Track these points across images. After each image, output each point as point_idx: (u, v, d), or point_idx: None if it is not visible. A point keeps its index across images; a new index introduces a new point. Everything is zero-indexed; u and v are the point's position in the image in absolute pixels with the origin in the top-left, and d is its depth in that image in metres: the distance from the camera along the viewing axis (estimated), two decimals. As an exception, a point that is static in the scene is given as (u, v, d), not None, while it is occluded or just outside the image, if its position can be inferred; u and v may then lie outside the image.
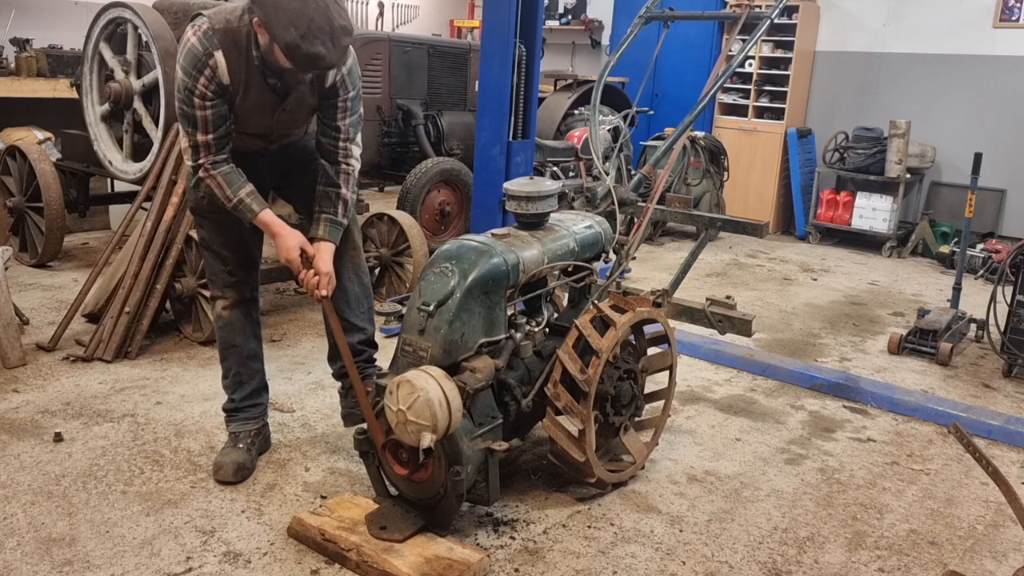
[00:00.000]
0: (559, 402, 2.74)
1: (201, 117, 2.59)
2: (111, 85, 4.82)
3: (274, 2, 2.40)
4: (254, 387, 3.05)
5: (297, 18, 2.37)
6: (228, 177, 2.68)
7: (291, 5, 2.38)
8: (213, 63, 2.54)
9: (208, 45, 2.54)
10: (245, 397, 3.03)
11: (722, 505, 2.97)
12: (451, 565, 2.39)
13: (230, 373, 3.02)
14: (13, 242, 5.44)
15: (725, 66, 4.42)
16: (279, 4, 2.39)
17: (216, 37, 2.54)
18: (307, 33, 2.38)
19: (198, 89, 2.55)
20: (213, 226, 2.89)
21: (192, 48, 2.54)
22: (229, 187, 2.67)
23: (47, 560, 2.43)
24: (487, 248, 2.67)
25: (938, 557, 2.74)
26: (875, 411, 3.92)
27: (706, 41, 8.52)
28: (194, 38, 2.54)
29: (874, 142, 7.59)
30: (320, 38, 2.41)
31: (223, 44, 2.55)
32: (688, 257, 3.97)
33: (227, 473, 2.86)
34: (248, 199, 2.69)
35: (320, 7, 2.40)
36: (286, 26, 2.38)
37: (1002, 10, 7.35)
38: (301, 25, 2.37)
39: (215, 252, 2.93)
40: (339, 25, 2.44)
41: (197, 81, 2.54)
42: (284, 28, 2.38)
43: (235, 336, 2.97)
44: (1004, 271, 4.42)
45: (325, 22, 2.41)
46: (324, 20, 2.41)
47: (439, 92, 6.20)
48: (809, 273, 6.77)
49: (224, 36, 2.55)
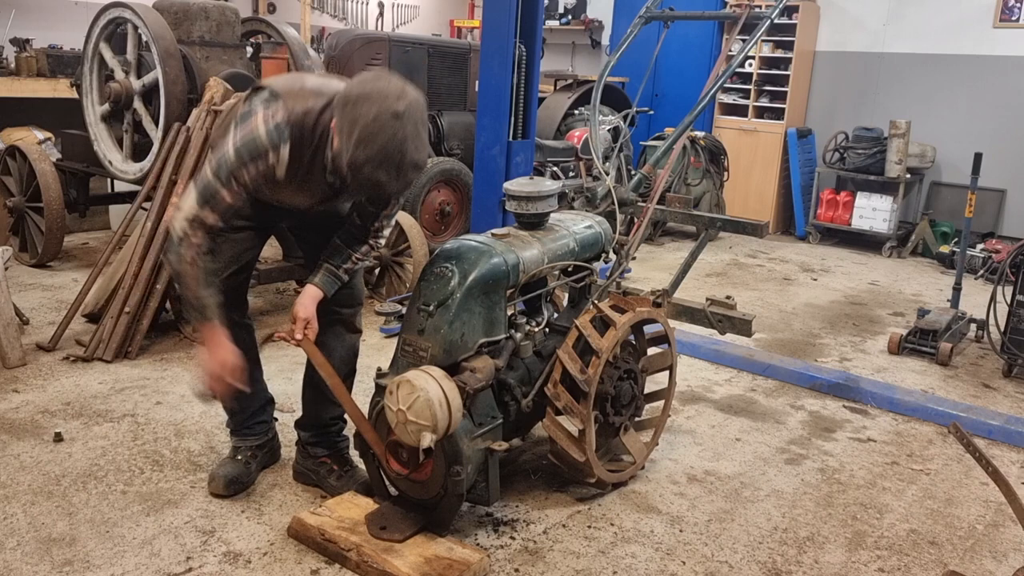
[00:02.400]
0: (559, 402, 2.74)
1: (223, 197, 2.37)
2: (111, 85, 4.82)
3: (354, 115, 2.23)
4: (254, 408, 2.92)
5: (371, 140, 2.21)
6: (208, 275, 2.42)
7: (370, 126, 2.21)
8: (274, 158, 2.37)
9: (277, 139, 2.36)
10: (246, 418, 2.92)
11: (722, 505, 2.97)
12: (451, 565, 2.39)
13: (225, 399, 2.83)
14: (13, 242, 5.44)
15: (725, 66, 4.42)
16: (358, 119, 2.22)
17: (288, 130, 2.36)
18: (375, 157, 2.22)
19: (243, 177, 2.36)
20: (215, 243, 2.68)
21: (257, 137, 2.34)
22: (202, 286, 2.40)
23: (47, 560, 2.43)
24: (487, 248, 2.67)
25: (938, 557, 2.74)
26: (875, 411, 3.92)
27: (706, 41, 8.52)
28: (263, 127, 2.34)
29: (874, 142, 7.59)
30: (386, 167, 2.24)
31: (293, 137, 2.37)
32: (688, 257, 3.97)
33: (218, 486, 2.80)
34: (211, 302, 2.43)
35: (398, 137, 2.23)
36: (358, 143, 2.21)
37: (1002, 10, 7.35)
38: (372, 148, 2.21)
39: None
40: (411, 160, 2.27)
41: (246, 169, 2.35)
42: (355, 144, 2.22)
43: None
44: (1004, 271, 4.42)
45: (397, 153, 2.24)
46: (397, 151, 2.23)
47: (439, 92, 6.19)
48: (809, 273, 6.77)
49: (298, 129, 2.37)
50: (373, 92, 2.26)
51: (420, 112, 2.32)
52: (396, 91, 2.27)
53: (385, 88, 2.27)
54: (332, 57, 5.62)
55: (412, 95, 2.30)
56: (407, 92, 2.30)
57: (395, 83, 2.30)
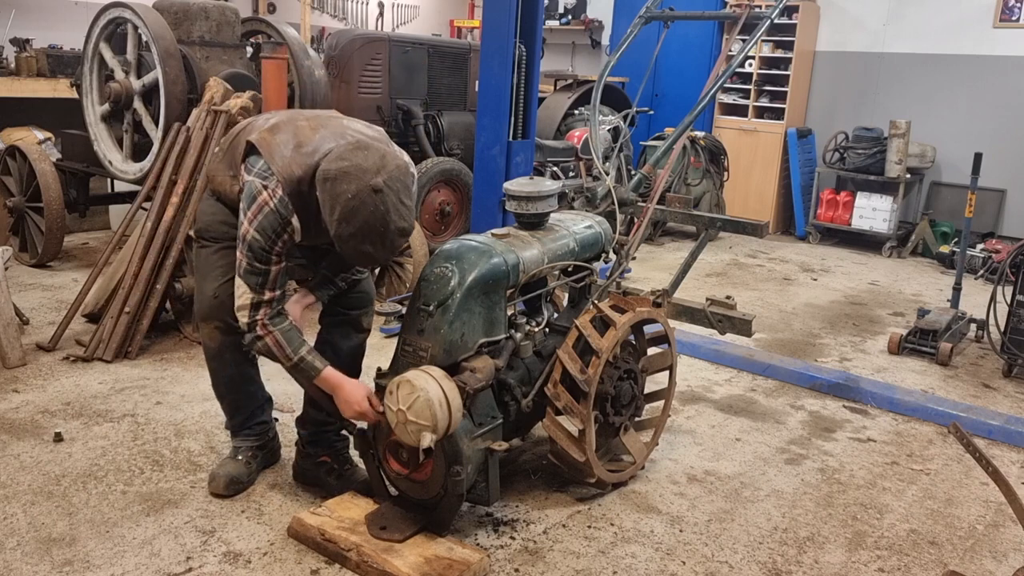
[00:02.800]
0: (559, 402, 2.74)
1: (274, 273, 2.47)
2: (111, 85, 4.82)
3: (334, 192, 2.28)
4: (252, 409, 2.93)
5: (352, 216, 2.26)
6: (288, 334, 2.51)
7: (350, 203, 2.25)
8: (291, 229, 2.46)
9: (286, 213, 2.43)
10: (245, 419, 2.92)
11: (722, 505, 2.97)
12: (451, 565, 2.39)
13: (224, 400, 2.89)
14: (13, 242, 5.44)
15: (725, 66, 4.42)
16: (338, 196, 2.27)
17: (290, 201, 2.43)
18: (357, 232, 2.27)
19: (277, 248, 2.45)
20: (218, 253, 2.70)
21: (271, 212, 2.41)
22: (289, 345, 2.51)
23: (47, 560, 2.43)
24: (487, 248, 2.67)
25: (938, 557, 2.74)
26: (875, 411, 3.92)
27: (706, 41, 8.52)
28: (271, 203, 2.41)
29: (874, 142, 7.59)
30: (371, 239, 2.29)
31: (296, 206, 2.44)
32: (688, 257, 3.97)
33: (219, 486, 2.81)
34: (309, 356, 2.54)
35: (379, 211, 2.27)
36: (340, 220, 2.27)
37: (1002, 10, 7.35)
38: (354, 224, 2.26)
39: (208, 276, 2.71)
40: (395, 228, 2.31)
41: (276, 243, 2.44)
42: (338, 221, 2.28)
43: (226, 366, 2.79)
44: (1004, 271, 4.42)
45: (380, 225, 2.28)
46: (380, 224, 2.28)
47: (439, 92, 6.19)
48: (809, 273, 6.77)
49: (296, 201, 2.43)
50: (351, 168, 2.28)
51: (402, 179, 2.34)
52: (374, 164, 2.29)
53: (363, 163, 2.30)
54: (332, 57, 5.63)
55: (392, 164, 2.33)
56: (386, 162, 2.32)
57: (374, 154, 2.32)
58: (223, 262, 2.70)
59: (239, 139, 2.63)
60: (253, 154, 2.50)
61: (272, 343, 2.50)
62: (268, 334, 2.49)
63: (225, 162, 2.67)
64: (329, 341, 2.86)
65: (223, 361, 2.79)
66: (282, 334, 2.51)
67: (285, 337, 2.51)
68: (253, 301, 2.47)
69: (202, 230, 2.76)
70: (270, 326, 2.49)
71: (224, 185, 2.66)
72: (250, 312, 2.48)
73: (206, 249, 2.74)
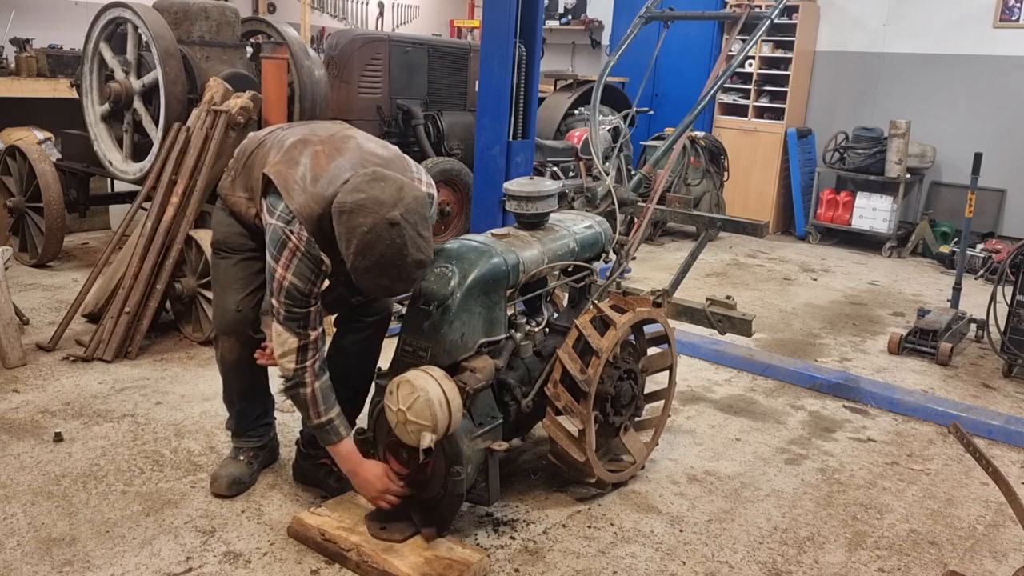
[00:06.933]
0: (559, 402, 2.74)
1: (314, 313, 2.45)
2: (111, 85, 4.82)
3: (351, 225, 2.24)
4: (258, 413, 2.94)
5: (369, 250, 2.23)
6: (326, 392, 2.50)
7: (366, 236, 2.22)
8: (325, 267, 2.45)
9: (316, 253, 2.41)
10: (249, 423, 2.93)
11: (722, 505, 2.97)
12: (451, 565, 2.39)
13: (234, 407, 2.89)
14: (13, 242, 5.44)
15: (725, 66, 4.42)
16: (355, 230, 2.23)
17: (317, 244, 2.41)
18: (374, 266, 2.25)
19: (314, 291, 2.43)
20: (238, 265, 2.70)
21: (305, 257, 2.39)
22: (324, 403, 2.48)
23: (47, 560, 2.43)
24: (487, 248, 2.67)
25: (938, 557, 2.74)
26: (875, 411, 3.92)
27: (706, 41, 8.52)
28: (302, 247, 2.38)
29: (874, 142, 7.60)
30: (388, 273, 2.27)
31: (321, 244, 2.42)
32: (688, 257, 3.97)
33: (221, 486, 2.81)
34: (338, 420, 2.52)
35: (396, 244, 2.23)
36: (357, 254, 2.25)
37: (1002, 10, 7.35)
38: (371, 258, 2.24)
39: (230, 289, 2.70)
40: (412, 260, 2.27)
41: (315, 285, 2.43)
42: (355, 255, 2.25)
43: (241, 377, 2.80)
44: (1004, 271, 4.42)
45: (398, 258, 2.24)
46: (397, 257, 2.24)
47: (439, 92, 6.20)
48: (809, 273, 6.77)
49: (319, 235, 2.41)
50: (367, 201, 2.25)
51: (419, 211, 2.31)
52: (391, 197, 2.26)
53: (380, 195, 2.26)
54: (332, 57, 5.63)
55: (409, 196, 2.29)
56: (404, 194, 2.28)
57: (390, 185, 2.29)
58: (243, 274, 2.69)
59: (252, 162, 2.59)
60: (272, 192, 2.45)
61: (309, 396, 2.47)
62: (313, 382, 2.46)
63: (240, 184, 2.64)
64: (342, 347, 2.85)
65: (239, 373, 2.78)
66: (321, 390, 2.48)
67: (323, 394, 2.49)
68: (300, 344, 2.43)
69: (220, 242, 2.73)
70: (319, 374, 2.47)
71: (239, 206, 2.64)
72: (297, 357, 2.44)
73: (226, 260, 2.72)
